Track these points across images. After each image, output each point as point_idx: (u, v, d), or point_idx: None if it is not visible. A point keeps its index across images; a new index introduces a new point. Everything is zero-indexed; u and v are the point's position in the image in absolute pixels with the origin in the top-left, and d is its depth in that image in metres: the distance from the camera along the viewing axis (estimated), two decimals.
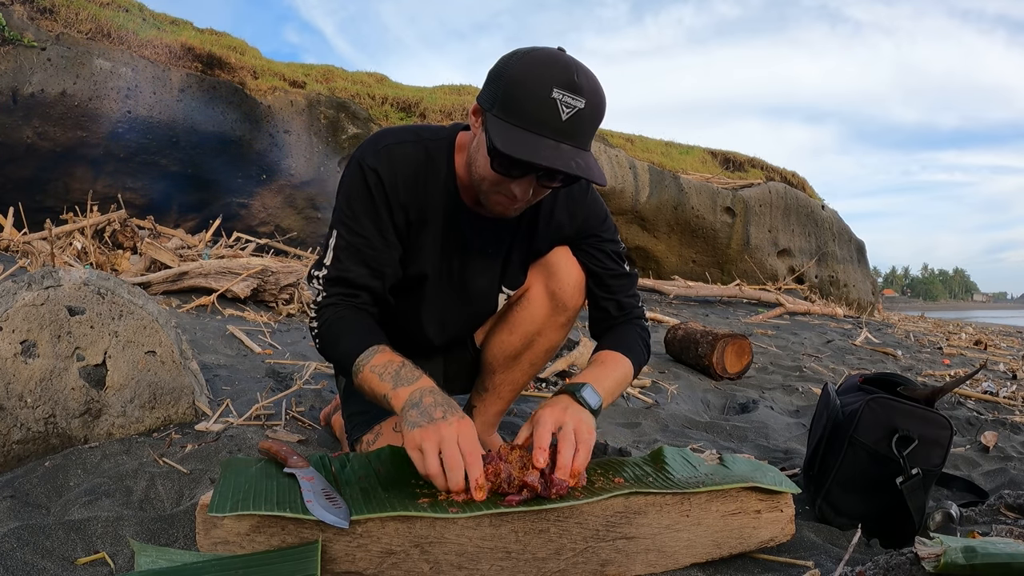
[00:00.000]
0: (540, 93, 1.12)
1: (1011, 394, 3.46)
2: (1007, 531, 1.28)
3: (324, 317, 1.36)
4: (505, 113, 1.15)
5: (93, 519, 1.19)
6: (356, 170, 1.35)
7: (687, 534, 1.13)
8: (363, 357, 1.26)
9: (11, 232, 4.94)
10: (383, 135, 1.39)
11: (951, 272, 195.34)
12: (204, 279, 4.25)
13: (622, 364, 1.42)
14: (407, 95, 8.71)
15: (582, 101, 1.14)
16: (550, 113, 1.12)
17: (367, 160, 1.34)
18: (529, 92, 1.13)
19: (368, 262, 1.36)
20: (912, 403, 1.41)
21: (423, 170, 1.37)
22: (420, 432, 1.09)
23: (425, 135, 1.39)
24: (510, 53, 1.20)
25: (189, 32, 7.61)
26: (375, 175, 1.34)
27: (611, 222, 1.56)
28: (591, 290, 1.54)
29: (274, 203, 7.61)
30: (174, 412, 1.77)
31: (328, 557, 0.97)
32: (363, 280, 1.37)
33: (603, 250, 1.52)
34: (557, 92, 1.12)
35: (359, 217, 1.35)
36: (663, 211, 9.71)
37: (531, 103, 1.13)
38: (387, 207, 1.36)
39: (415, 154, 1.37)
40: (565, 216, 1.48)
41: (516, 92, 1.14)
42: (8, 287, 1.59)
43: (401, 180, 1.35)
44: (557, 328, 1.59)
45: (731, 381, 3.40)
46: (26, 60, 5.72)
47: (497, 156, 1.18)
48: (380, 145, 1.36)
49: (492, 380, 1.67)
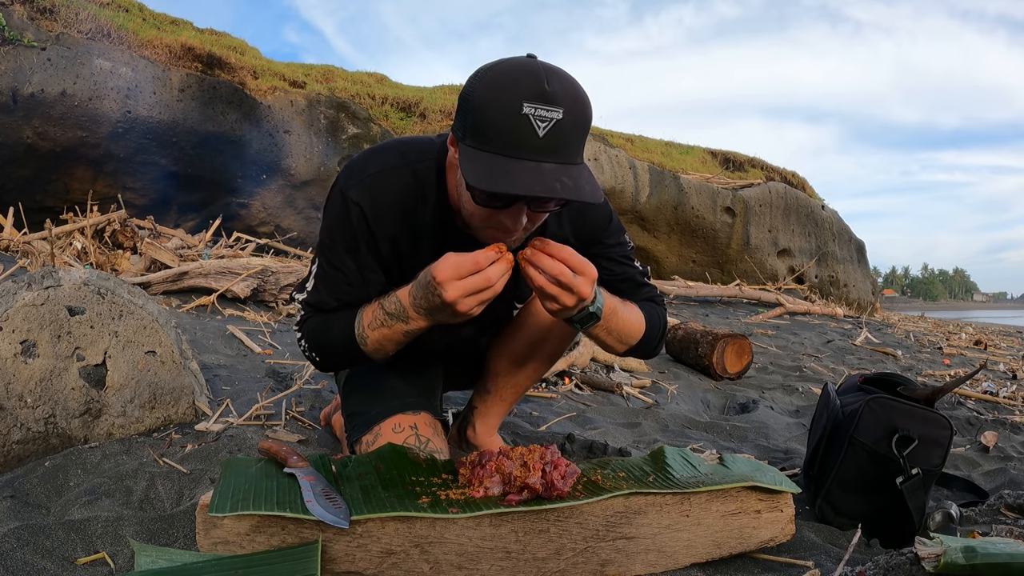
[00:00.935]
0: (509, 111, 1.02)
1: (1011, 394, 3.46)
2: (1007, 531, 1.28)
3: (307, 328, 1.38)
4: (477, 141, 1.06)
5: (93, 519, 1.19)
6: (339, 202, 1.30)
7: (687, 534, 1.13)
8: (357, 327, 1.29)
9: (11, 232, 4.94)
10: (367, 161, 1.32)
11: (951, 272, 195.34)
12: (204, 279, 4.25)
13: (634, 309, 1.39)
14: (407, 95, 8.71)
15: (559, 111, 1.03)
16: (525, 131, 1.02)
17: (351, 193, 1.28)
18: (497, 113, 1.03)
19: (341, 296, 1.35)
20: (912, 403, 1.41)
21: (411, 196, 1.31)
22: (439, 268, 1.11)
23: (412, 157, 1.31)
24: (475, 72, 1.11)
25: (189, 32, 7.61)
26: (358, 209, 1.28)
27: (616, 223, 1.50)
28: None
29: (274, 203, 7.61)
30: (174, 412, 1.77)
31: (328, 557, 0.97)
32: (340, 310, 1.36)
33: (609, 256, 1.47)
34: (528, 107, 1.02)
35: (338, 251, 1.32)
36: (663, 211, 9.71)
37: (501, 124, 1.03)
38: (370, 240, 1.31)
39: (402, 181, 1.30)
40: (568, 223, 1.43)
41: (484, 116, 1.05)
42: (8, 287, 1.59)
43: (387, 211, 1.30)
44: (563, 335, 1.58)
45: (731, 381, 3.40)
46: (26, 60, 5.72)
47: (474, 191, 1.11)
48: (365, 175, 1.29)
49: (495, 382, 1.67)
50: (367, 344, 1.29)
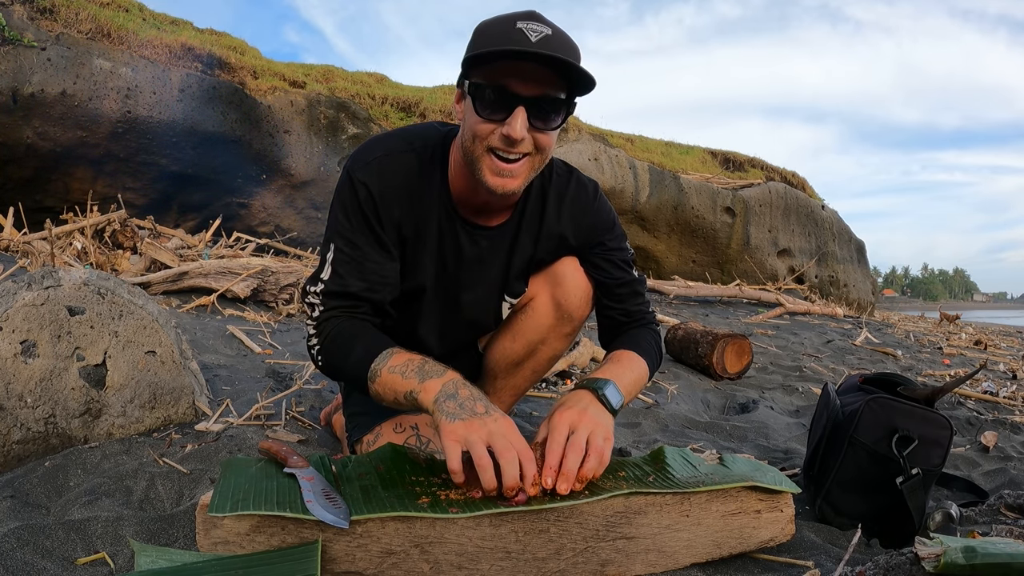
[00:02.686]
0: (504, 27, 1.14)
1: (1011, 394, 3.46)
2: (1007, 531, 1.28)
3: (325, 331, 1.30)
4: (477, 60, 1.15)
5: (93, 519, 1.19)
6: (348, 183, 1.32)
7: (687, 534, 1.13)
8: (380, 360, 1.20)
9: (11, 232, 4.94)
10: (373, 146, 1.35)
11: (951, 272, 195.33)
12: (204, 279, 4.25)
13: (639, 364, 1.39)
14: (407, 95, 8.71)
15: (549, 29, 1.14)
16: (519, 37, 1.12)
17: (357, 173, 1.31)
18: (494, 31, 1.14)
19: (367, 275, 1.32)
20: (912, 403, 1.41)
21: (416, 182, 1.33)
22: (464, 425, 1.04)
23: (417, 143, 1.35)
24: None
25: (189, 32, 7.61)
26: (365, 189, 1.30)
27: (619, 229, 1.52)
28: (599, 299, 1.52)
29: (274, 203, 7.61)
30: (174, 412, 1.77)
31: (328, 557, 0.97)
32: (364, 293, 1.31)
33: (610, 259, 1.49)
34: (521, 23, 1.13)
35: (356, 230, 1.31)
36: (663, 211, 9.71)
37: (498, 33, 1.14)
38: (379, 222, 1.32)
39: (406, 166, 1.33)
40: (569, 223, 1.45)
41: (482, 37, 1.16)
42: (8, 287, 1.59)
43: (393, 195, 1.32)
44: (561, 337, 1.58)
45: (731, 381, 3.40)
46: (26, 60, 5.72)
47: (475, 79, 1.17)
48: (371, 157, 1.32)
49: (493, 385, 1.67)
50: (373, 382, 1.22)
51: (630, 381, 1.33)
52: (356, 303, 1.32)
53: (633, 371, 1.36)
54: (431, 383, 1.13)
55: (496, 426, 1.05)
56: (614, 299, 1.50)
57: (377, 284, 1.33)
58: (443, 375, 1.15)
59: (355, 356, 1.25)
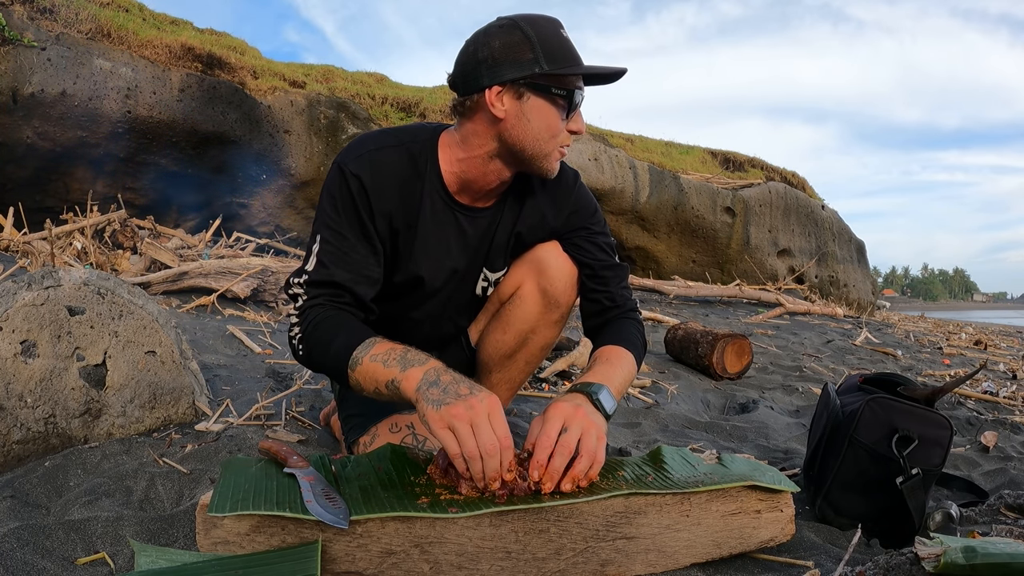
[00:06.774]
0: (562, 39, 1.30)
1: (1011, 394, 3.46)
2: (1007, 531, 1.28)
3: (307, 319, 1.28)
4: (554, 64, 1.26)
5: (93, 519, 1.19)
6: (338, 175, 1.32)
7: (687, 534, 1.13)
8: (361, 348, 1.19)
9: (11, 232, 4.95)
10: (364, 141, 1.37)
11: (951, 272, 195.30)
12: (204, 279, 4.25)
13: (627, 360, 1.40)
14: (407, 95, 8.71)
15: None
16: (572, 47, 1.31)
17: (350, 166, 1.31)
18: (560, 41, 1.29)
19: (352, 267, 1.32)
20: (912, 403, 1.41)
21: (407, 175, 1.36)
22: (448, 409, 1.04)
23: (406, 139, 1.38)
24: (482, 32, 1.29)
25: (189, 32, 7.60)
26: (357, 181, 1.31)
27: (601, 216, 1.56)
28: (584, 283, 1.53)
29: (274, 203, 7.61)
30: (174, 412, 1.77)
31: (328, 557, 0.97)
32: (348, 283, 1.31)
33: (594, 242, 1.52)
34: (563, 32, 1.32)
35: (344, 223, 1.32)
36: (663, 211, 9.71)
37: (568, 47, 1.30)
38: (369, 214, 1.33)
39: (398, 160, 1.35)
40: (550, 205, 1.49)
41: (560, 50, 1.28)
42: (8, 287, 1.59)
43: (385, 187, 1.33)
44: (551, 325, 1.59)
45: (731, 381, 3.40)
46: (26, 60, 5.72)
47: (561, 87, 1.28)
48: (363, 151, 1.34)
49: (488, 380, 1.67)
50: (354, 370, 1.20)
51: (621, 381, 1.35)
52: (339, 292, 1.31)
53: (623, 369, 1.38)
54: (413, 371, 1.13)
55: (481, 407, 1.04)
56: (599, 282, 1.52)
57: (361, 277, 1.34)
58: (425, 363, 1.14)
59: (336, 344, 1.23)
